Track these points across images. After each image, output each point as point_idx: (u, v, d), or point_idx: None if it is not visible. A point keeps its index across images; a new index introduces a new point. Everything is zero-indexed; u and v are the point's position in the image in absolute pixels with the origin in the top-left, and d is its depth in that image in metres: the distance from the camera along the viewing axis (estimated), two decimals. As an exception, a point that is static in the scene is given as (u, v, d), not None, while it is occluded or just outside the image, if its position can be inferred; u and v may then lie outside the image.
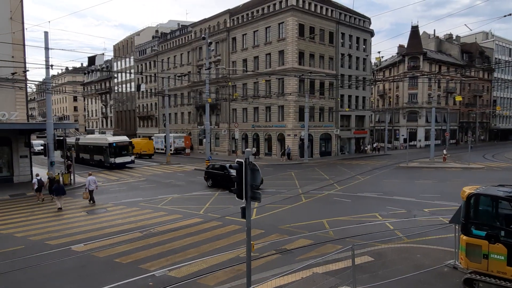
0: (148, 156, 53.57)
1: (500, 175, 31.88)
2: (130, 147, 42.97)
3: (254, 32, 52.47)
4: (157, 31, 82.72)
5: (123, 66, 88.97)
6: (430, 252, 12.62)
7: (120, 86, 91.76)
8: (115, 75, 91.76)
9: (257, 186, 8.75)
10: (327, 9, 51.62)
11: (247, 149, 9.30)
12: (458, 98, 53.08)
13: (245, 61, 54.09)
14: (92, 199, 23.04)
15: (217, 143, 60.73)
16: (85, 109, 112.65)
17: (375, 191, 25.28)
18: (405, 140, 50.36)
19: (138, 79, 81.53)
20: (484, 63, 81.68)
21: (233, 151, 56.78)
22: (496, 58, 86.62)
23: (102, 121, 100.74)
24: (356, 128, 58.31)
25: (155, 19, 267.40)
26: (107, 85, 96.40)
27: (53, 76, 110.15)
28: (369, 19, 58.97)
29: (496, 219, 10.35)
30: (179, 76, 60.50)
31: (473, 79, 79.24)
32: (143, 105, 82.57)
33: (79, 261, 12.99)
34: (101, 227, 17.42)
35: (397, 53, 77.78)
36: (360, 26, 57.09)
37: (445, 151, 44.43)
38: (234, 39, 56.10)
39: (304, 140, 46.39)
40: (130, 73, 58.08)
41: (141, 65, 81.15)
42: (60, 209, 21.32)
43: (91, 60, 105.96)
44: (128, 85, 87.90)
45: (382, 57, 65.51)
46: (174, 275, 11.55)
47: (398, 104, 73.91)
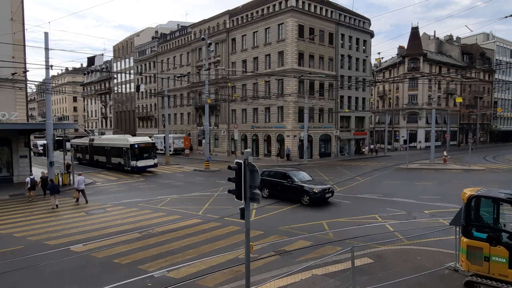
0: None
1: (501, 177, 31.77)
2: (153, 149, 39.54)
3: (254, 33, 52.44)
4: (156, 31, 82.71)
5: (123, 67, 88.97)
6: (431, 254, 12.54)
7: (119, 86, 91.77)
8: (115, 76, 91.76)
9: (256, 186, 8.69)
10: (326, 10, 51.61)
11: (246, 149, 9.26)
12: (459, 100, 52.97)
13: (244, 62, 54.05)
14: (84, 198, 23.30)
15: (217, 144, 60.69)
16: (84, 109, 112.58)
17: (375, 192, 25.21)
18: (405, 142, 50.34)
19: (138, 79, 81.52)
20: (485, 64, 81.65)
21: (233, 151, 56.75)
22: (497, 59, 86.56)
23: (102, 122, 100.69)
24: (356, 129, 58.27)
25: (154, 20, 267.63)
26: (107, 85, 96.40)
27: (53, 76, 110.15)
28: (369, 20, 58.97)
29: (498, 221, 10.30)
30: (178, 77, 60.49)
31: (473, 80, 79.14)
32: (142, 105, 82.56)
33: (78, 262, 12.94)
34: (100, 227, 17.36)
35: (397, 54, 77.72)
36: (360, 27, 57.09)
37: (445, 153, 44.34)
38: (233, 40, 56.07)
39: (304, 141, 46.31)
40: (130, 73, 57.93)
41: (141, 65, 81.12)
42: (55, 207, 21.70)
43: (91, 60, 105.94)
44: (128, 85, 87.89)
45: (382, 58, 65.70)
46: (173, 276, 11.49)
47: (398, 105, 73.84)
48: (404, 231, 15.79)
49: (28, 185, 24.32)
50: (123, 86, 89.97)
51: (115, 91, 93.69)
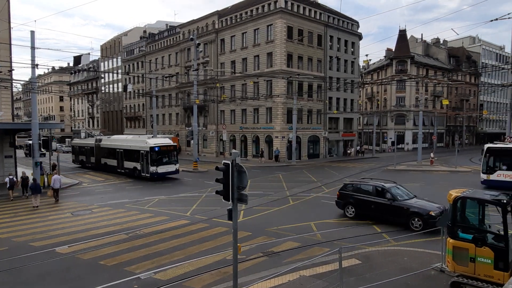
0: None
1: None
2: (175, 152, 34.61)
3: (243, 34, 52.41)
4: (145, 31, 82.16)
5: (110, 66, 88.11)
6: (417, 255, 12.65)
7: (107, 86, 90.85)
8: (102, 75, 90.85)
9: (243, 187, 8.64)
10: (315, 12, 51.81)
11: (233, 150, 9.21)
12: (445, 102, 53.67)
13: (233, 62, 53.97)
14: (56, 197, 23.77)
15: (205, 145, 60.47)
16: (71, 109, 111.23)
17: (362, 193, 25.26)
18: (393, 143, 50.73)
19: (126, 79, 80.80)
20: (471, 67, 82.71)
21: (221, 152, 56.59)
22: (482, 63, 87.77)
23: (89, 122, 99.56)
24: (344, 131, 58.54)
25: (143, 20, 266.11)
26: (94, 85, 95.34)
27: (39, 75, 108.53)
28: (357, 22, 59.38)
29: (483, 223, 10.41)
30: (167, 77, 60.02)
31: (460, 83, 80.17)
32: (130, 105, 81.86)
33: (63, 263, 12.78)
34: (86, 228, 17.14)
35: (385, 57, 78.38)
36: (348, 29, 57.43)
37: (432, 154, 44.83)
38: (222, 40, 55.96)
39: (292, 142, 46.41)
40: (118, 73, 57.43)
41: (129, 65, 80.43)
42: (36, 207, 21.86)
43: (77, 59, 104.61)
44: (115, 85, 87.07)
45: (370, 60, 66.12)
46: (159, 278, 11.39)
47: (386, 107, 74.45)
48: (391, 232, 15.89)
49: (8, 185, 24.68)
50: (111, 86, 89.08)
51: (103, 91, 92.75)
